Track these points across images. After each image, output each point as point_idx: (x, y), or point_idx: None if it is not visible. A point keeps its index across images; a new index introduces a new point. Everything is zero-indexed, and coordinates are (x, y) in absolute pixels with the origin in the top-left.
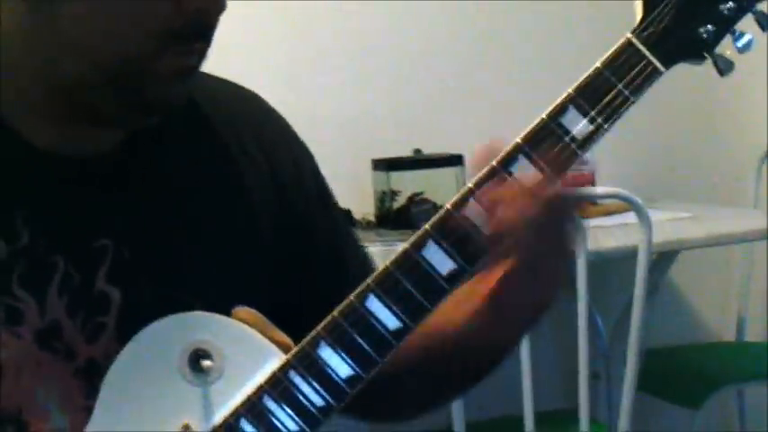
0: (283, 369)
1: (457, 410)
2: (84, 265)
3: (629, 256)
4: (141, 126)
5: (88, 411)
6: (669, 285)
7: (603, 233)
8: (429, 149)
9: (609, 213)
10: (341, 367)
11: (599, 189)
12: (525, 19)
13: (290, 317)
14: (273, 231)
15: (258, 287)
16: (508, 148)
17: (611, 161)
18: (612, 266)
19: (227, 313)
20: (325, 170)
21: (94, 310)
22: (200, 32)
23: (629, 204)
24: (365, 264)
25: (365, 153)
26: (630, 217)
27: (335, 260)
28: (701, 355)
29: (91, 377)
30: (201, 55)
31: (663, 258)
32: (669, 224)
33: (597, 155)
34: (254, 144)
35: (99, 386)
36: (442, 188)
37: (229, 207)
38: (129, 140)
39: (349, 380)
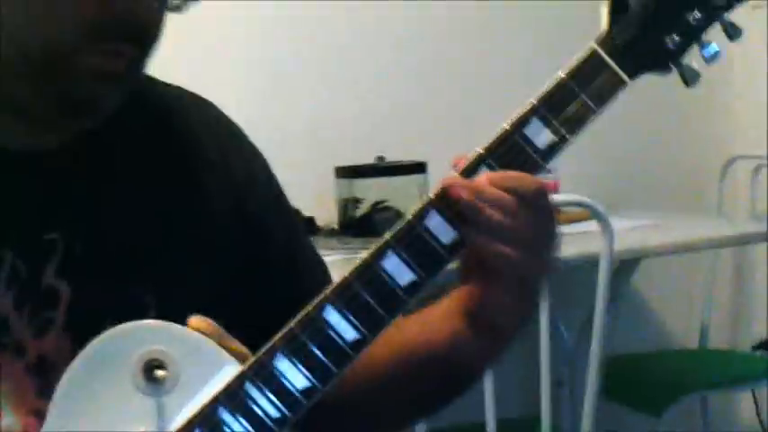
0: (239, 380)
1: None
2: (32, 258)
3: (591, 263)
4: (74, 128)
5: (39, 414)
6: (632, 293)
7: (565, 241)
8: (392, 157)
9: (571, 221)
10: (297, 379)
11: (560, 197)
12: (491, 26)
13: (245, 324)
14: (228, 233)
15: (211, 286)
16: (470, 158)
17: (574, 169)
18: (575, 274)
19: (179, 310)
20: (289, 177)
21: (42, 303)
22: (128, 34)
23: (590, 212)
24: (320, 270)
25: (328, 160)
26: (592, 225)
27: (290, 266)
28: (665, 363)
29: (42, 374)
30: (133, 62)
31: (625, 266)
32: (631, 232)
33: (559, 163)
34: (210, 148)
35: (51, 384)
36: (405, 196)
37: (183, 206)
38: (83, 137)
39: (306, 391)
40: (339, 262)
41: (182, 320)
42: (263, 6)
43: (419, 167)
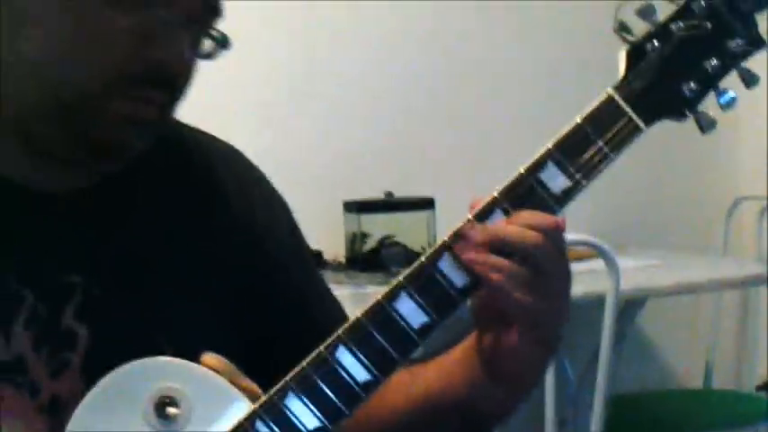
0: (250, 418)
1: None
2: (52, 299)
3: (597, 302)
4: (99, 169)
5: None
6: (638, 332)
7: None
8: (400, 192)
9: (578, 259)
10: (308, 418)
11: (567, 236)
12: (501, 66)
13: (258, 364)
14: (245, 279)
15: (228, 331)
16: (485, 201)
17: (581, 208)
18: (581, 312)
19: (196, 355)
20: (297, 211)
21: (60, 345)
22: (159, 83)
23: (597, 251)
24: (335, 311)
25: (337, 194)
26: (599, 264)
27: (304, 309)
28: (669, 402)
29: (54, 414)
30: (163, 108)
31: (631, 305)
32: (638, 271)
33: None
34: (232, 192)
35: (62, 424)
36: (412, 231)
37: (203, 250)
38: (106, 179)
39: (316, 431)
40: (347, 296)
41: (195, 362)
42: (274, 43)
43: (427, 203)
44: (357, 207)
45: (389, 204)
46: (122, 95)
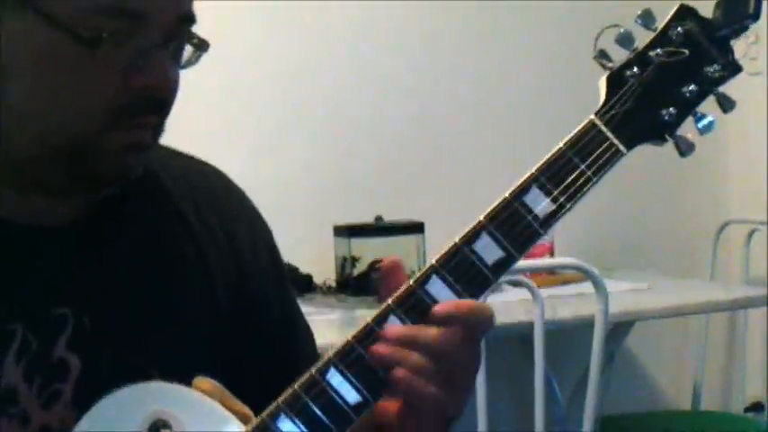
0: None
1: None
2: (43, 332)
3: (585, 325)
4: (98, 197)
5: None
6: (626, 354)
7: (561, 303)
8: (390, 217)
9: (566, 282)
10: None
11: (556, 260)
12: (491, 90)
13: (247, 388)
14: (230, 303)
15: (216, 357)
16: (472, 226)
17: (569, 231)
18: (570, 335)
19: (187, 383)
20: (288, 234)
21: (52, 376)
22: (150, 108)
23: (585, 275)
24: (311, 337)
25: (327, 219)
26: (587, 286)
27: (287, 335)
28: (657, 424)
29: None
30: (156, 129)
31: (620, 328)
32: (625, 294)
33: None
34: (214, 217)
35: None
36: (402, 255)
37: (188, 277)
38: (90, 211)
39: None
40: (336, 320)
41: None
42: (262, 64)
43: (417, 228)
44: (347, 231)
45: (379, 229)
46: (116, 128)
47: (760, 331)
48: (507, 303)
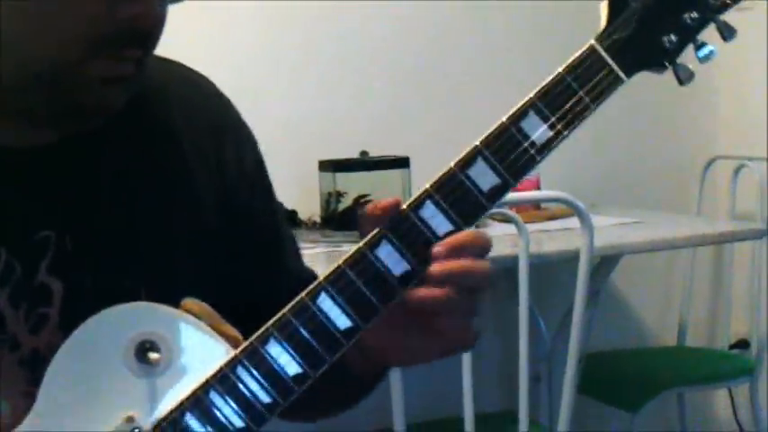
0: (231, 364)
1: (397, 411)
2: (25, 256)
3: (571, 259)
4: (80, 128)
5: (30, 397)
6: (612, 290)
7: (546, 237)
8: (375, 151)
9: (552, 218)
10: (289, 365)
11: (541, 193)
12: (475, 22)
13: (235, 308)
14: (217, 218)
15: (204, 276)
16: (467, 150)
17: (555, 167)
18: (556, 270)
19: (173, 302)
20: (272, 170)
21: (37, 301)
22: (134, 40)
23: (571, 209)
24: (298, 252)
25: (312, 154)
26: (574, 222)
27: (273, 249)
28: (642, 360)
29: (35, 367)
30: (139, 62)
31: (605, 263)
32: (612, 229)
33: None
34: (201, 128)
35: (43, 374)
36: (388, 190)
37: (174, 194)
38: (74, 134)
39: (297, 378)
40: (321, 255)
41: (175, 308)
42: (248, 5)
43: (402, 162)
44: (332, 166)
45: (365, 163)
46: (98, 57)
47: (746, 268)
48: (493, 238)
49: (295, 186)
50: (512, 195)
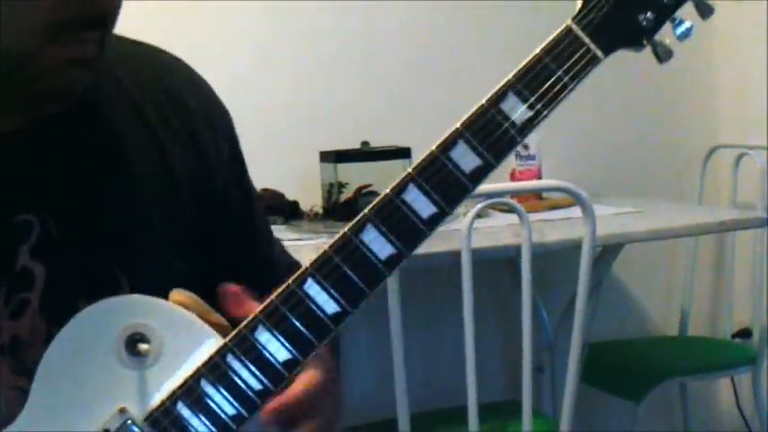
0: (221, 353)
1: (401, 402)
2: (6, 240)
3: (573, 249)
4: (50, 111)
5: (18, 390)
6: (614, 280)
7: (548, 226)
8: (377, 142)
9: (554, 207)
10: (279, 351)
11: (544, 182)
12: (473, 13)
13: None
14: (194, 202)
15: (184, 263)
16: (449, 133)
17: (558, 158)
18: (558, 260)
19: (155, 285)
20: (274, 161)
21: (17, 285)
22: (89, 22)
23: (574, 198)
24: (272, 234)
25: (313, 145)
26: (576, 211)
27: (249, 234)
28: (645, 349)
29: (15, 354)
30: (99, 43)
31: (607, 252)
32: (614, 218)
33: (543, 151)
34: (176, 113)
35: (24, 363)
36: (389, 180)
37: (151, 179)
38: (53, 116)
39: (287, 363)
40: (324, 246)
41: (153, 296)
42: None
43: (403, 152)
44: (334, 157)
45: (366, 154)
46: (57, 44)
47: (748, 257)
48: (495, 228)
49: (296, 177)
50: (514, 185)
